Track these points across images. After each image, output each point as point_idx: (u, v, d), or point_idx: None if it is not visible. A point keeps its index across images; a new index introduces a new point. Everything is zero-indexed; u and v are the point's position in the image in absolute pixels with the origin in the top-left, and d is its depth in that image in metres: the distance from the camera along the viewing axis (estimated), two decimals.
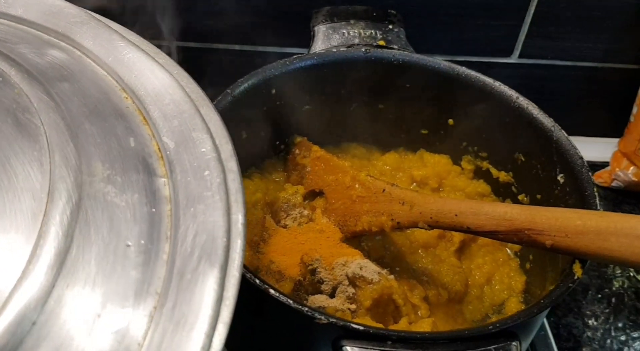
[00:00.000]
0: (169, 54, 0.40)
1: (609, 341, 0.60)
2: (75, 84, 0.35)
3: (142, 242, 0.28)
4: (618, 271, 0.68)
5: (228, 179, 0.31)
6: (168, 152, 0.32)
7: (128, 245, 0.27)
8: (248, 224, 0.55)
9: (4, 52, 0.36)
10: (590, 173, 0.48)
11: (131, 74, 0.37)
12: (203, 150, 0.32)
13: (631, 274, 0.67)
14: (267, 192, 0.58)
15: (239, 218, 0.30)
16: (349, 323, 0.35)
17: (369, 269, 0.46)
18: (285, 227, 0.56)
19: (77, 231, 0.27)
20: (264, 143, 0.60)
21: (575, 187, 0.48)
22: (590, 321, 0.62)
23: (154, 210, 0.29)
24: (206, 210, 0.29)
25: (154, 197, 0.30)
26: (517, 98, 0.55)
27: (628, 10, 0.73)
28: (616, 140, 0.80)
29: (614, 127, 0.82)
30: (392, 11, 0.62)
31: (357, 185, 0.54)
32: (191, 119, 0.34)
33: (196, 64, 0.74)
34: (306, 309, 0.35)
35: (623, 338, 0.60)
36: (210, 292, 0.26)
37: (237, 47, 0.73)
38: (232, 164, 0.32)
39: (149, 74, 0.37)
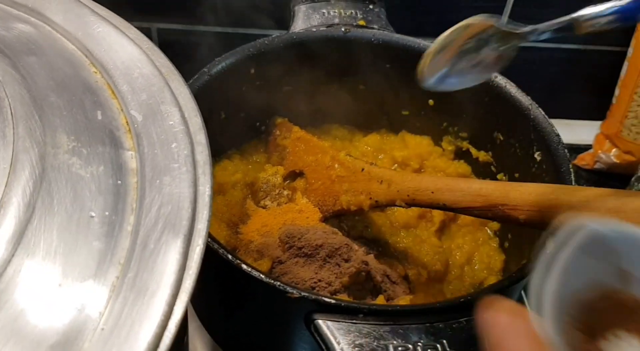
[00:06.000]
0: (149, 36, 0.39)
1: None
2: (42, 57, 0.35)
3: (107, 213, 0.28)
4: None
5: (196, 151, 0.31)
6: (136, 125, 0.32)
7: (92, 216, 0.27)
8: (227, 205, 0.55)
9: None
10: (565, 151, 0.48)
11: (101, 48, 0.36)
12: (171, 122, 0.32)
13: None
14: (247, 172, 0.58)
15: (206, 190, 0.29)
16: (320, 297, 0.35)
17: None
18: (264, 207, 0.55)
19: (39, 202, 0.26)
20: (244, 124, 0.60)
21: (551, 164, 0.48)
22: None
23: (119, 182, 0.29)
24: (172, 181, 0.29)
25: (121, 169, 0.30)
26: (495, 77, 0.55)
27: None
28: (599, 122, 0.80)
29: (596, 110, 0.82)
30: None
31: (336, 165, 0.54)
32: (160, 92, 0.34)
33: (177, 46, 0.73)
34: (278, 284, 0.35)
35: None
36: (173, 261, 0.25)
37: (218, 29, 0.72)
38: (201, 137, 0.32)
39: (118, 48, 0.36)
